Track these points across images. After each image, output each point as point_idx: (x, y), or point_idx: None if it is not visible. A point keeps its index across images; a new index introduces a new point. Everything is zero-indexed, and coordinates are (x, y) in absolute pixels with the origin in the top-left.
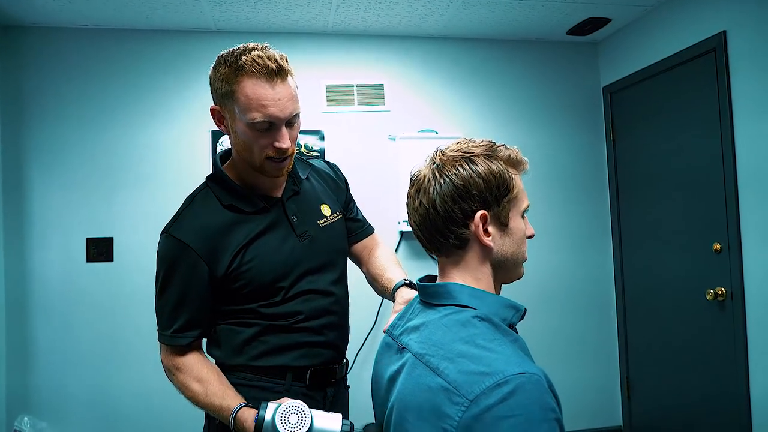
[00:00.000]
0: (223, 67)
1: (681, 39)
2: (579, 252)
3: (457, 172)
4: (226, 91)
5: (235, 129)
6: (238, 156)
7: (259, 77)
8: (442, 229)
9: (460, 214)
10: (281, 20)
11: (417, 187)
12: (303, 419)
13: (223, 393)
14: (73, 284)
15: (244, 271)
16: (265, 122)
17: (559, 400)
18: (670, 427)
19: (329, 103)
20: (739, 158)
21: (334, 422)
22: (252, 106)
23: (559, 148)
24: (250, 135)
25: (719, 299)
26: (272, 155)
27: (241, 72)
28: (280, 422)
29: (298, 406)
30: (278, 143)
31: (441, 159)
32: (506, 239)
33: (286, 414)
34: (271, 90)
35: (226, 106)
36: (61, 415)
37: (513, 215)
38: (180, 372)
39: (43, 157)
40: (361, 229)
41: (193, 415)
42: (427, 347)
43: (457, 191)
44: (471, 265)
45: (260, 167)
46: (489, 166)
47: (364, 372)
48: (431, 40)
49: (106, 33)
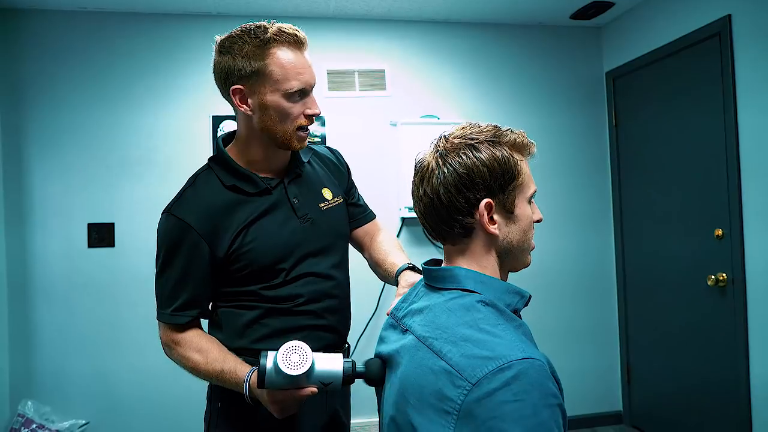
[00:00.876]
0: (245, 45)
1: (685, 23)
2: (580, 237)
3: (461, 161)
4: (255, 68)
5: (265, 104)
6: (258, 133)
7: (289, 46)
8: (446, 218)
9: (464, 203)
10: (282, 4)
11: (421, 176)
12: (304, 357)
13: (224, 358)
14: (75, 270)
15: (244, 252)
16: (302, 90)
17: (562, 386)
18: (670, 413)
19: (330, 88)
20: (742, 144)
21: (336, 362)
22: (289, 74)
23: (561, 134)
24: (285, 105)
25: (720, 285)
26: (303, 124)
27: (270, 45)
28: (282, 361)
29: (299, 345)
30: (311, 109)
31: (445, 146)
32: (512, 227)
33: (287, 354)
34: (302, 57)
35: (252, 83)
36: (64, 399)
37: (519, 202)
38: (179, 346)
39: (43, 143)
40: (362, 214)
41: (195, 399)
42: (431, 330)
43: (461, 180)
44: (476, 253)
45: (289, 139)
46: (493, 152)
47: (366, 357)
48: (433, 24)
49: (105, 16)
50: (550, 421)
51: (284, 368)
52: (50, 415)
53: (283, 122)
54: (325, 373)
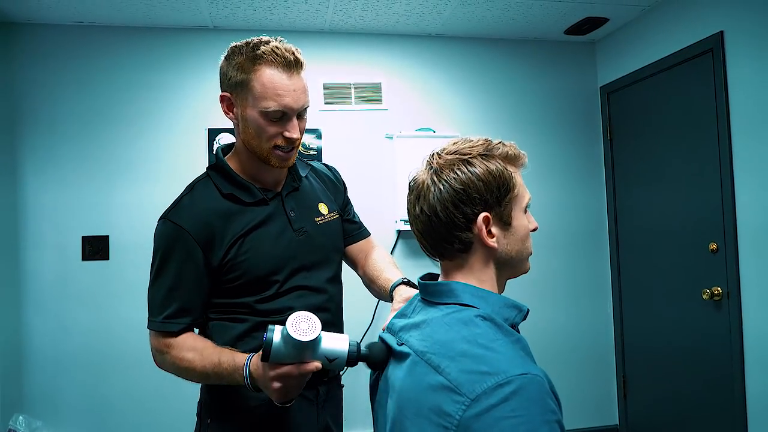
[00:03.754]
0: (238, 56)
1: (678, 39)
2: (574, 251)
3: (456, 176)
4: (240, 79)
5: (245, 116)
6: (243, 146)
7: (276, 67)
8: (446, 235)
9: (462, 218)
10: (279, 18)
11: (417, 194)
12: (313, 325)
13: (220, 351)
14: (69, 283)
15: (239, 262)
16: (279, 111)
17: (560, 401)
18: (667, 426)
19: (326, 101)
20: (735, 157)
21: (343, 342)
22: (268, 94)
23: (556, 148)
24: (261, 123)
25: (715, 299)
26: (280, 144)
27: (258, 61)
28: (292, 328)
29: (307, 314)
30: (288, 133)
31: (438, 163)
32: (510, 238)
33: (297, 322)
34: (287, 80)
35: (238, 93)
36: (56, 414)
37: (515, 213)
38: (171, 348)
39: (37, 156)
40: (357, 231)
41: (187, 415)
42: (429, 345)
43: (457, 196)
44: (475, 268)
45: (267, 156)
46: (487, 166)
47: (360, 372)
48: (429, 38)
49: (101, 30)
50: None
51: (294, 334)
52: (42, 429)
53: (259, 139)
54: (331, 350)
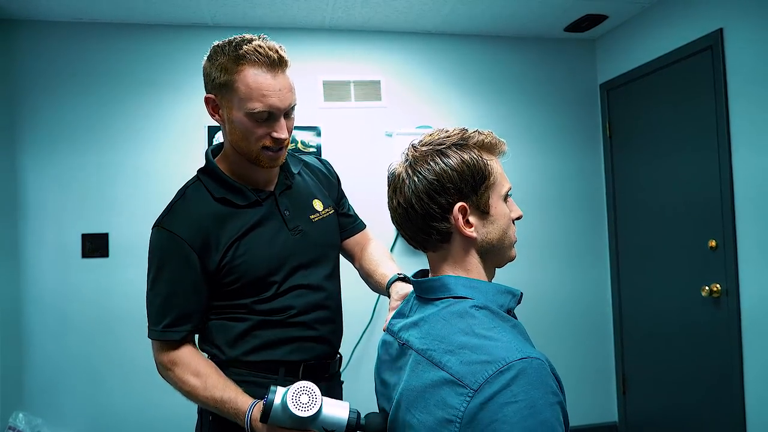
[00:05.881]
0: (221, 56)
1: (678, 36)
2: (574, 249)
3: (430, 167)
4: (224, 80)
5: (231, 119)
6: (232, 147)
7: (260, 67)
8: (423, 227)
9: (437, 209)
10: (279, 15)
11: (393, 187)
12: (314, 399)
13: (224, 385)
14: (69, 280)
15: (236, 265)
16: (265, 112)
17: (562, 383)
18: (666, 424)
19: (326, 98)
20: (734, 154)
21: (342, 410)
22: (253, 95)
23: (556, 144)
24: (248, 125)
25: (714, 296)
26: (269, 145)
27: (241, 61)
28: (291, 401)
29: (309, 386)
30: (276, 133)
31: (413, 155)
32: (490, 227)
33: (298, 394)
34: (272, 80)
35: (222, 95)
36: (56, 411)
37: (494, 201)
38: (177, 366)
39: (37, 152)
40: (352, 224)
41: (187, 413)
42: (428, 342)
43: (431, 186)
44: (459, 257)
45: (256, 157)
46: (461, 156)
47: (361, 369)
48: (428, 36)
49: (101, 27)
50: (552, 420)
51: (293, 409)
52: (42, 427)
53: (247, 140)
54: (331, 420)
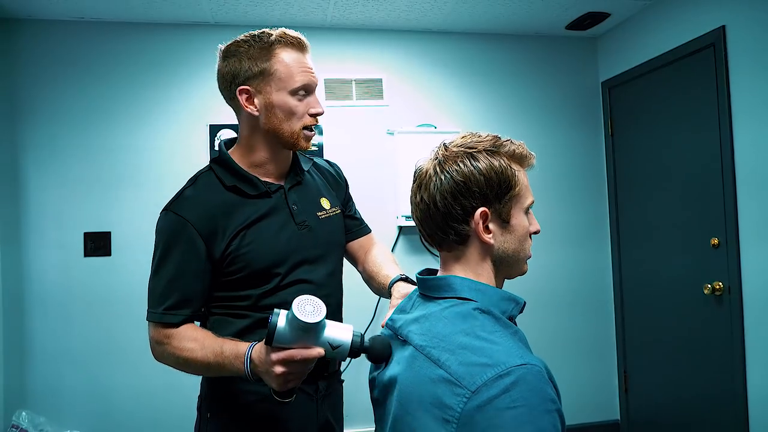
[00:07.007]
0: (251, 48)
1: (680, 34)
2: (577, 247)
3: (458, 168)
4: (261, 68)
5: (271, 103)
6: (264, 135)
7: (293, 47)
8: (442, 225)
9: (460, 210)
10: (280, 14)
11: (419, 183)
12: (318, 308)
13: (222, 341)
14: (71, 279)
15: (241, 254)
16: (304, 87)
17: (559, 391)
18: (668, 422)
19: (328, 97)
20: (737, 153)
21: (346, 332)
22: (293, 71)
23: (557, 143)
24: (291, 102)
25: (717, 294)
26: (308, 123)
27: (275, 46)
28: (297, 310)
29: (311, 297)
30: (314, 108)
31: (443, 154)
32: (507, 236)
33: (303, 304)
34: (304, 59)
35: (258, 83)
36: (59, 410)
37: (515, 212)
38: (171, 338)
39: (39, 152)
40: (358, 227)
41: (188, 412)
42: (428, 339)
43: (457, 188)
44: (472, 261)
45: (297, 139)
46: (491, 162)
47: (361, 368)
48: (430, 34)
49: (102, 26)
50: (549, 427)
51: (299, 315)
52: (45, 425)
53: (289, 121)
54: (334, 338)
